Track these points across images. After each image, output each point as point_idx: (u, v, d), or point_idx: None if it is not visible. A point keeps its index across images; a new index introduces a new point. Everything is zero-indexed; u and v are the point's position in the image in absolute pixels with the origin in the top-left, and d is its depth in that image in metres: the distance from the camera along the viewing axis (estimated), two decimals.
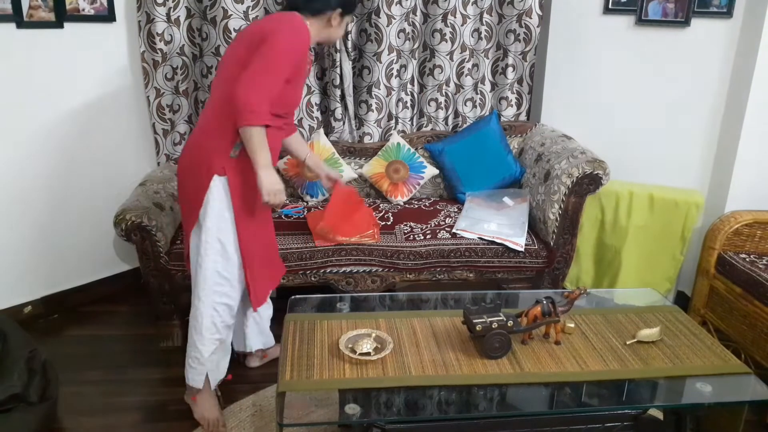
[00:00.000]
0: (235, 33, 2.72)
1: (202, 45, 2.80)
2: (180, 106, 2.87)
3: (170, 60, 2.78)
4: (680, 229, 2.76)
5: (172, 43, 2.76)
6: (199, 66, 2.84)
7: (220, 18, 2.70)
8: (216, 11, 2.70)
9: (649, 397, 1.64)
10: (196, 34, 2.80)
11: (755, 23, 2.53)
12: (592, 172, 2.47)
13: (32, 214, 2.67)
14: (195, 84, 2.89)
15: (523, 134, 3.08)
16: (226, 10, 2.69)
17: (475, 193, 2.91)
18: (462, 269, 2.56)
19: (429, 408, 1.53)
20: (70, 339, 2.66)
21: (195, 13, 2.77)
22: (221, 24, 2.71)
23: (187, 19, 2.78)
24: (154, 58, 2.74)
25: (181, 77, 2.82)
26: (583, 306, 1.98)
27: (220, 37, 2.74)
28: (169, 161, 2.90)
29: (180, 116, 2.89)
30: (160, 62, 2.75)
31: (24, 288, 2.72)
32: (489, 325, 1.64)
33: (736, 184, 2.67)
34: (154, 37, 2.70)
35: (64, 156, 2.72)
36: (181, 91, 2.84)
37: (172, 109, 2.86)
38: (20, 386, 1.88)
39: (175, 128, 2.89)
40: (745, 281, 2.38)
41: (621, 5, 2.80)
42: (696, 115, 2.80)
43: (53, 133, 2.67)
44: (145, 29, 2.70)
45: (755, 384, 1.61)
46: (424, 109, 3.12)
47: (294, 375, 1.56)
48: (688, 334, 1.81)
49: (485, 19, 2.99)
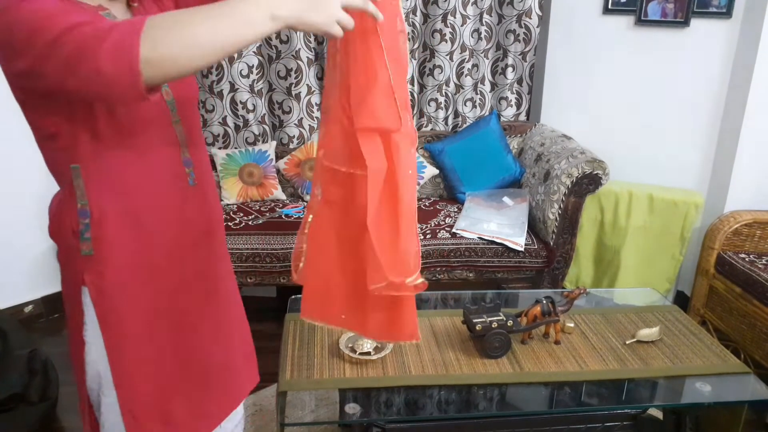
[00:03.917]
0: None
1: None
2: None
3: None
4: (680, 229, 2.76)
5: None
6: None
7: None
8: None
9: (648, 396, 1.64)
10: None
11: (755, 23, 2.53)
12: (591, 172, 2.47)
13: (33, 213, 2.67)
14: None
15: (522, 134, 3.08)
16: None
17: (475, 193, 2.91)
18: (462, 269, 2.56)
19: (429, 407, 1.54)
20: None
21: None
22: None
23: None
24: None
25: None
26: (582, 306, 1.98)
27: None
28: None
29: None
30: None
31: (24, 288, 2.72)
32: (489, 324, 1.64)
33: (736, 184, 2.67)
34: None
35: None
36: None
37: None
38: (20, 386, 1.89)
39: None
40: (745, 281, 2.38)
41: (621, 5, 2.80)
42: (695, 115, 2.80)
43: None
44: None
45: (755, 384, 1.62)
46: (424, 109, 3.12)
47: (294, 375, 1.56)
48: (687, 333, 1.82)
49: (485, 20, 3.00)
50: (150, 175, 1.14)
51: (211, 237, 1.31)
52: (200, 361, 1.30)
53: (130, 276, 1.17)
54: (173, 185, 1.19)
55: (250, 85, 2.90)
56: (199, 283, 1.29)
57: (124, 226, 1.13)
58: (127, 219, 1.13)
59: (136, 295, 1.18)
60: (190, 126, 1.21)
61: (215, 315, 1.33)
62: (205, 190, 1.27)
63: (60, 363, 2.22)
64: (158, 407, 1.24)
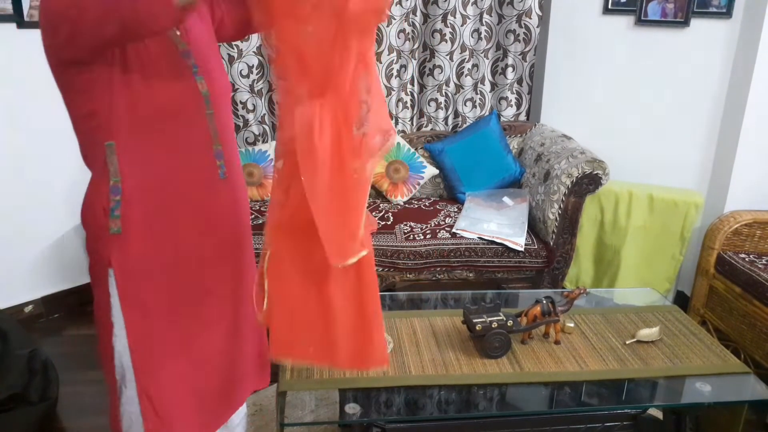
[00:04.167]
0: None
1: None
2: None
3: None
4: (680, 229, 2.76)
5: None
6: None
7: None
8: None
9: (648, 396, 1.64)
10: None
11: (755, 23, 2.53)
12: (591, 172, 2.47)
13: (33, 213, 2.67)
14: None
15: (522, 134, 3.08)
16: None
17: (475, 193, 2.91)
18: (462, 269, 2.56)
19: (429, 407, 1.54)
20: (71, 339, 2.66)
21: None
22: None
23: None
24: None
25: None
26: (582, 306, 1.98)
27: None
28: None
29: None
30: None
31: (24, 288, 2.72)
32: (489, 324, 1.64)
33: (736, 184, 2.67)
34: None
35: (66, 156, 2.71)
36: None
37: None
38: (20, 386, 1.89)
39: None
40: (745, 281, 2.38)
41: (621, 5, 2.80)
42: (695, 115, 2.80)
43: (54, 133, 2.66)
44: None
45: (755, 384, 1.62)
46: (424, 109, 3.12)
47: (294, 374, 1.56)
48: (687, 333, 1.82)
49: (485, 20, 3.00)
50: (180, 160, 1.19)
51: (239, 240, 1.34)
52: (215, 357, 1.33)
53: (155, 260, 1.20)
54: (203, 174, 1.23)
55: (250, 85, 2.91)
56: (221, 284, 1.31)
57: (152, 207, 1.18)
58: (156, 200, 1.18)
59: (158, 282, 1.22)
60: (222, 120, 1.26)
61: (233, 316, 1.35)
62: (236, 186, 1.30)
63: (60, 363, 2.22)
64: (174, 397, 1.27)
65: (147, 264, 1.20)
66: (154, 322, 1.23)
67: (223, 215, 1.28)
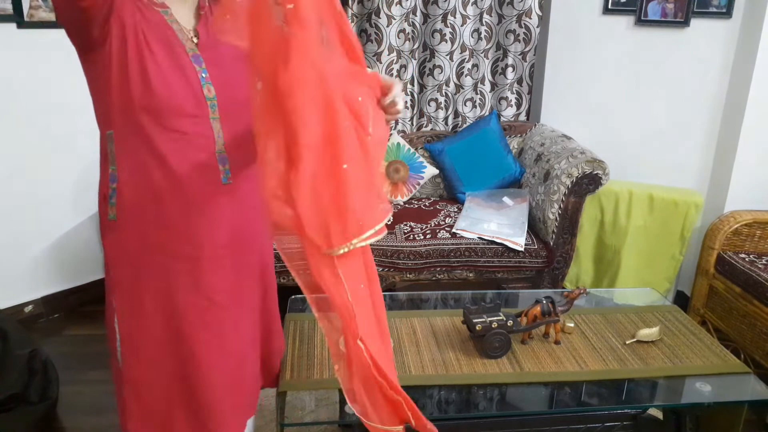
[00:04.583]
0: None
1: None
2: None
3: None
4: (680, 229, 2.76)
5: None
6: None
7: None
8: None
9: (648, 396, 1.64)
10: None
11: (754, 23, 2.53)
12: (591, 171, 2.47)
13: (33, 213, 2.67)
14: None
15: (522, 134, 3.08)
16: None
17: (475, 193, 2.91)
18: (462, 269, 2.56)
19: (429, 407, 1.53)
20: (71, 339, 2.66)
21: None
22: None
23: None
24: None
25: None
26: (582, 306, 1.98)
27: None
28: None
29: None
30: None
31: (24, 288, 2.72)
32: (489, 324, 1.64)
33: (736, 184, 2.67)
34: None
35: (65, 156, 2.72)
36: None
37: None
38: (20, 386, 1.89)
39: None
40: (745, 281, 2.38)
41: (621, 5, 2.80)
42: (695, 115, 2.80)
43: (54, 133, 2.67)
44: None
45: (755, 383, 1.62)
46: (424, 109, 3.12)
47: (294, 375, 1.56)
48: (687, 333, 1.82)
49: (485, 20, 3.00)
50: (176, 157, 1.18)
51: (243, 248, 1.31)
52: (204, 372, 1.29)
53: (143, 250, 1.21)
54: (200, 176, 1.22)
55: None
56: (219, 285, 1.28)
57: (144, 199, 1.19)
58: (148, 192, 1.19)
59: (146, 274, 1.23)
60: (234, 126, 1.24)
61: (233, 320, 1.32)
62: (241, 193, 1.27)
63: (60, 363, 2.22)
64: (161, 397, 1.28)
65: (135, 254, 1.22)
66: (141, 313, 1.24)
67: (221, 219, 1.25)
